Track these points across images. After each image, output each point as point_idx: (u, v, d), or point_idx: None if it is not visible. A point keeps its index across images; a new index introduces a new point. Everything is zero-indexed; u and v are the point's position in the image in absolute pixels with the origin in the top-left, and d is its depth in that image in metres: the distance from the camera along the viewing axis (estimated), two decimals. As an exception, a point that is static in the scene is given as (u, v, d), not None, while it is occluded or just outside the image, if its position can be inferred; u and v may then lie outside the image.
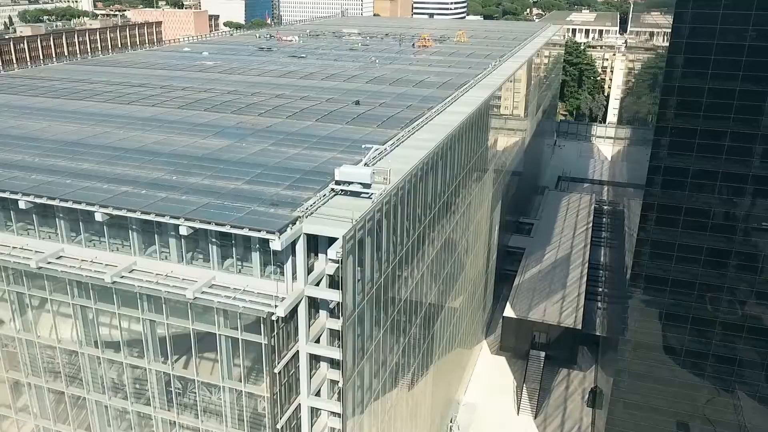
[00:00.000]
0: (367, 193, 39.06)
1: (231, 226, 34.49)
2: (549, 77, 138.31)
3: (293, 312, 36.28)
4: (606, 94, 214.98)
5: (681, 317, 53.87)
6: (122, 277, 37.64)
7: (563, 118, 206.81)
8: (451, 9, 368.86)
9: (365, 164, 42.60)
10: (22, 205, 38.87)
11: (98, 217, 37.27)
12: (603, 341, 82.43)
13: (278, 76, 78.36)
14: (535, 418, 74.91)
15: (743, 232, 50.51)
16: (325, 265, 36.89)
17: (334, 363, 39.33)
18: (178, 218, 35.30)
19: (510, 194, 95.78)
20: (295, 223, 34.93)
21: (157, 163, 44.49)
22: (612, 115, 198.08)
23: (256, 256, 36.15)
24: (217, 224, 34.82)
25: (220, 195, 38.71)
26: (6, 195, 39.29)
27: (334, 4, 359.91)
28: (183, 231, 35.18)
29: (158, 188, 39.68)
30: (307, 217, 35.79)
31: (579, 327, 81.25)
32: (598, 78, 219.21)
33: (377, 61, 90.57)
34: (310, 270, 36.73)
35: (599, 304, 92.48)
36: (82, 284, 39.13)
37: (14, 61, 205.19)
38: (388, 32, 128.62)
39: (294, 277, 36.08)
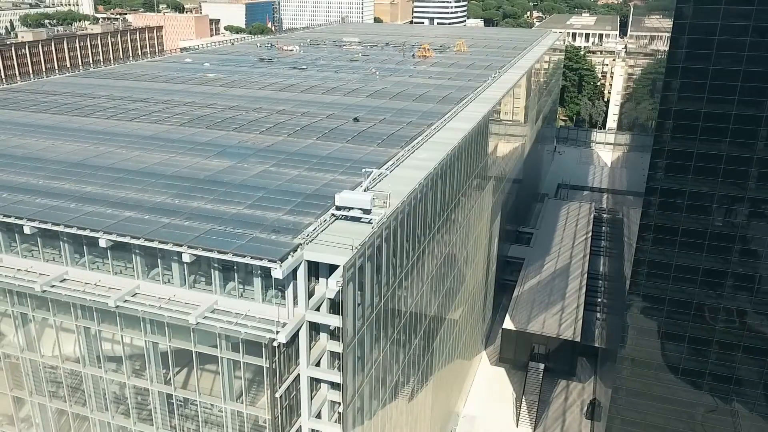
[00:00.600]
0: (367, 218, 39.54)
1: (233, 254, 35.01)
2: (549, 83, 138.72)
3: (294, 336, 36.82)
4: (606, 99, 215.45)
5: (678, 336, 54.47)
6: (125, 301, 38.21)
7: (563, 123, 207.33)
8: (451, 13, 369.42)
9: (365, 189, 43.04)
10: (27, 230, 39.40)
11: (102, 243, 37.82)
12: (602, 353, 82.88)
13: (279, 89, 78.86)
14: (534, 429, 75.37)
15: (739, 253, 51.09)
16: (325, 289, 37.41)
17: (334, 384, 39.84)
18: (181, 245, 35.85)
19: (510, 203, 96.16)
20: (296, 251, 35.43)
21: (159, 186, 44.94)
22: (612, 121, 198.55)
23: (257, 281, 36.69)
24: (219, 252, 35.34)
25: (222, 221, 39.19)
26: (11, 220, 39.84)
27: (334, 8, 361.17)
28: (186, 258, 35.73)
29: (161, 213, 40.17)
30: (307, 243, 36.28)
31: (578, 339, 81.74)
32: (598, 83, 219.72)
33: (377, 73, 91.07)
34: (310, 294, 37.22)
35: (598, 315, 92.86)
36: (85, 307, 39.64)
37: (16, 66, 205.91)
38: (388, 41, 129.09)
39: (295, 302, 36.61)
